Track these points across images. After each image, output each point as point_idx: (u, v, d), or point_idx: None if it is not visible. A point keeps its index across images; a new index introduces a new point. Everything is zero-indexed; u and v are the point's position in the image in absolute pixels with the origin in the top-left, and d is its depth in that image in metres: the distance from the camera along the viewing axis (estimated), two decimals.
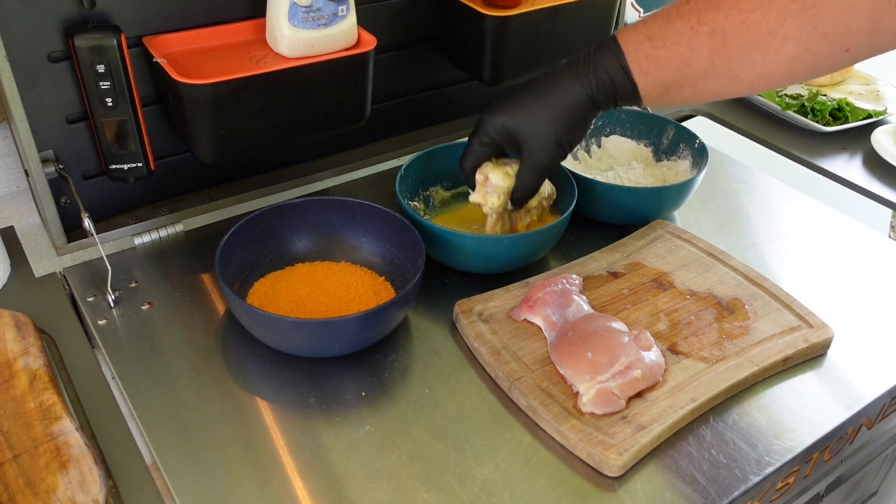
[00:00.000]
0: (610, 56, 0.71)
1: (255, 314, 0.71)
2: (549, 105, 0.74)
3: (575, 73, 0.74)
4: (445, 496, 0.63)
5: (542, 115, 0.75)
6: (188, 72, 0.78)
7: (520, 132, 0.76)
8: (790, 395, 0.74)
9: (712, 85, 0.70)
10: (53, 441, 0.63)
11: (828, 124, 1.19)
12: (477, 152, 0.79)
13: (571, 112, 0.74)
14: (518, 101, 0.76)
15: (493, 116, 0.77)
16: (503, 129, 0.77)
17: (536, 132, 0.75)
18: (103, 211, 0.88)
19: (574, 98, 0.74)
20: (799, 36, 0.63)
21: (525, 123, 0.76)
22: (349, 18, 0.82)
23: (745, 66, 0.67)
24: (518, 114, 0.76)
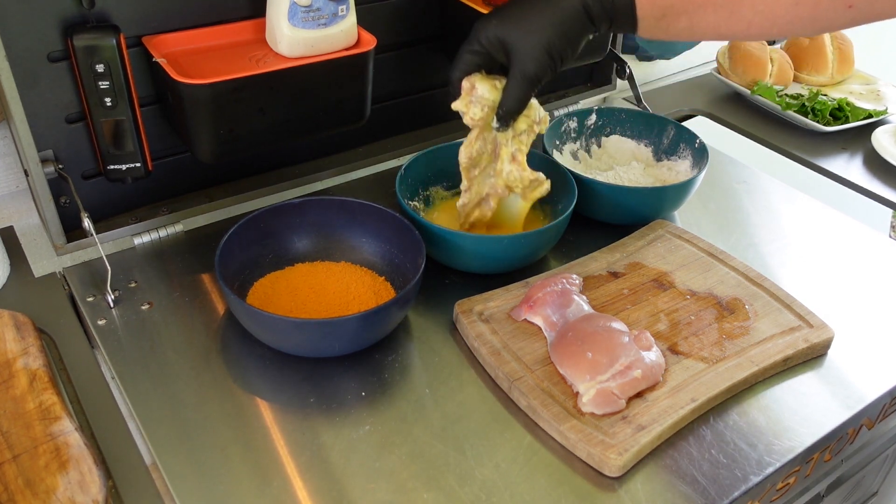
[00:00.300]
0: None
1: (255, 314, 0.71)
2: (542, 12, 0.72)
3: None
4: (445, 496, 0.63)
5: (533, 23, 0.72)
6: (188, 72, 0.78)
7: (510, 39, 0.73)
8: (790, 395, 0.73)
9: (711, 17, 0.67)
10: (53, 441, 0.63)
11: (828, 124, 1.19)
12: (467, 60, 0.76)
13: (564, 21, 0.71)
14: (512, 9, 0.73)
15: (485, 24, 0.74)
16: (494, 37, 0.74)
17: (527, 40, 0.72)
18: (103, 211, 0.88)
19: (570, 8, 0.71)
20: None
21: (516, 30, 0.73)
22: (349, 18, 0.82)
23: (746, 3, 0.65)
24: (510, 20, 0.73)
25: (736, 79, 1.31)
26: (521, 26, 0.72)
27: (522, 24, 0.72)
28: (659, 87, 1.39)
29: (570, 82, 1.21)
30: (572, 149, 1.04)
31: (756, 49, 1.30)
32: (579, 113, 1.03)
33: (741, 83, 1.30)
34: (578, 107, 1.20)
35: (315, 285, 0.81)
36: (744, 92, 1.29)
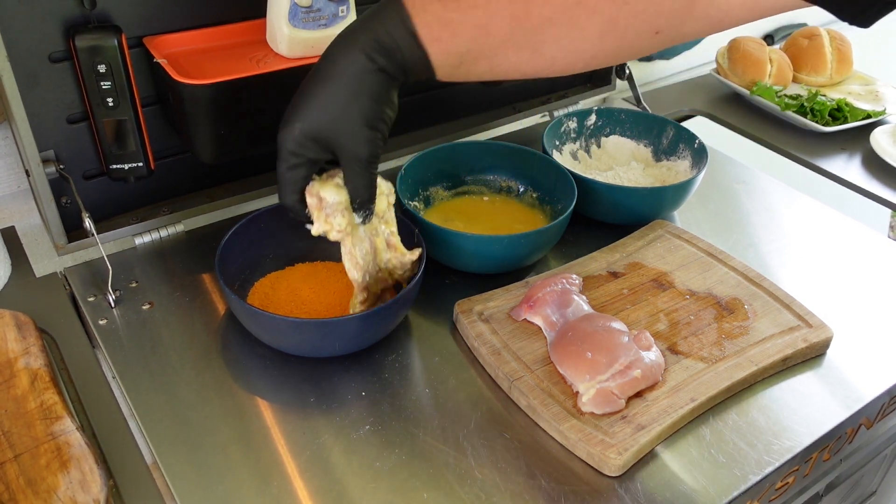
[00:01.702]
0: (394, 18, 0.61)
1: (255, 314, 0.71)
2: (340, 89, 0.62)
3: (354, 43, 0.62)
4: (445, 496, 0.63)
5: (336, 106, 0.63)
6: (189, 72, 0.79)
7: (323, 133, 0.64)
8: (789, 395, 0.74)
9: (512, 58, 0.62)
10: (54, 441, 0.64)
11: (827, 124, 1.19)
12: (290, 179, 0.67)
13: (367, 88, 0.63)
14: (306, 100, 0.64)
15: (288, 131, 0.64)
16: (305, 139, 0.64)
17: (340, 125, 0.63)
18: (104, 211, 0.88)
19: (362, 72, 0.62)
20: (608, 11, 0.57)
21: (324, 121, 0.63)
22: (349, 19, 0.82)
23: (549, 40, 0.60)
24: (310, 114, 0.63)
25: (735, 79, 1.31)
26: (325, 115, 0.63)
27: (326, 113, 0.63)
28: (658, 88, 1.39)
29: (569, 83, 1.21)
30: (572, 149, 1.04)
31: (755, 50, 1.30)
32: (579, 113, 1.04)
33: (740, 83, 1.30)
34: (578, 107, 1.20)
35: (315, 285, 0.81)
36: (743, 92, 1.29)
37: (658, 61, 1.43)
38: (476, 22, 0.60)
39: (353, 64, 0.62)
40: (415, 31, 0.61)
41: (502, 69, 0.63)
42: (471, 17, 0.59)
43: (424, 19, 0.60)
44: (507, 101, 1.16)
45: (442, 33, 0.61)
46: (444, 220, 0.90)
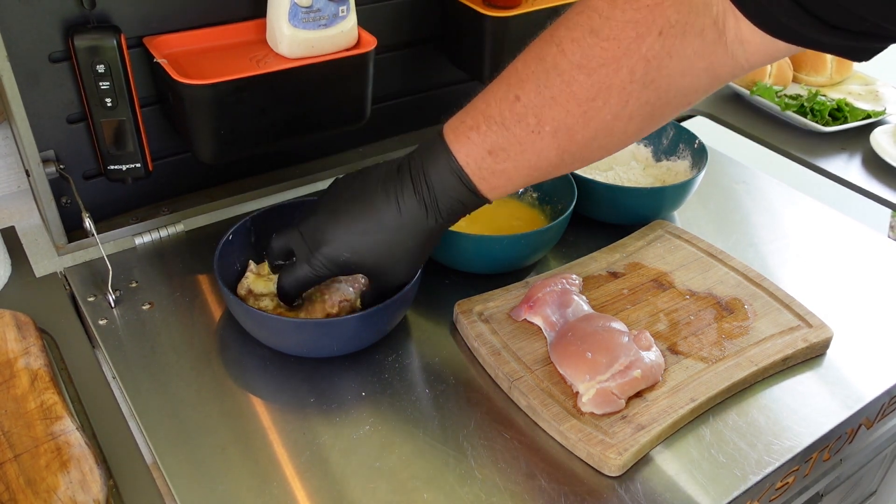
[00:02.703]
0: (453, 181, 0.64)
1: (253, 314, 0.71)
2: (403, 242, 0.67)
3: (420, 201, 0.65)
4: (445, 496, 0.63)
5: (396, 253, 0.67)
6: (189, 72, 0.79)
7: (368, 268, 0.68)
8: (789, 395, 0.74)
9: (561, 172, 0.65)
10: (54, 441, 0.64)
11: (827, 124, 1.19)
12: (309, 283, 0.70)
13: (426, 242, 0.68)
14: (364, 237, 0.66)
15: (334, 251, 0.67)
16: (346, 265, 0.68)
17: (392, 268, 0.68)
18: (104, 211, 0.88)
19: (428, 230, 0.66)
20: (644, 112, 0.59)
21: (376, 262, 0.67)
22: (349, 19, 0.82)
23: (594, 150, 0.63)
24: (367, 252, 0.67)
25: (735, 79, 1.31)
26: (381, 258, 0.67)
27: (383, 256, 0.67)
28: None
29: None
30: None
31: None
32: None
33: (740, 84, 1.30)
34: None
35: None
36: (743, 92, 1.29)
37: None
38: (528, 164, 0.62)
39: (422, 225, 0.66)
40: (475, 188, 0.64)
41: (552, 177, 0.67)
42: (522, 161, 0.62)
43: (480, 175, 0.63)
44: None
45: (497, 182, 0.64)
46: None
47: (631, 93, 0.57)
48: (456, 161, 0.63)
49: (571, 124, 0.59)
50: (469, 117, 0.63)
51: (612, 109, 0.58)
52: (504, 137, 0.61)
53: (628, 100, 0.58)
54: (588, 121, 0.59)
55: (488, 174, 0.63)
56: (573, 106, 0.58)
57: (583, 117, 0.59)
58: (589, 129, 0.60)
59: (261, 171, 0.98)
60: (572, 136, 0.60)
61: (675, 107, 0.61)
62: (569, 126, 0.59)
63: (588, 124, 0.59)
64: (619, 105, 0.58)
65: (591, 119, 0.59)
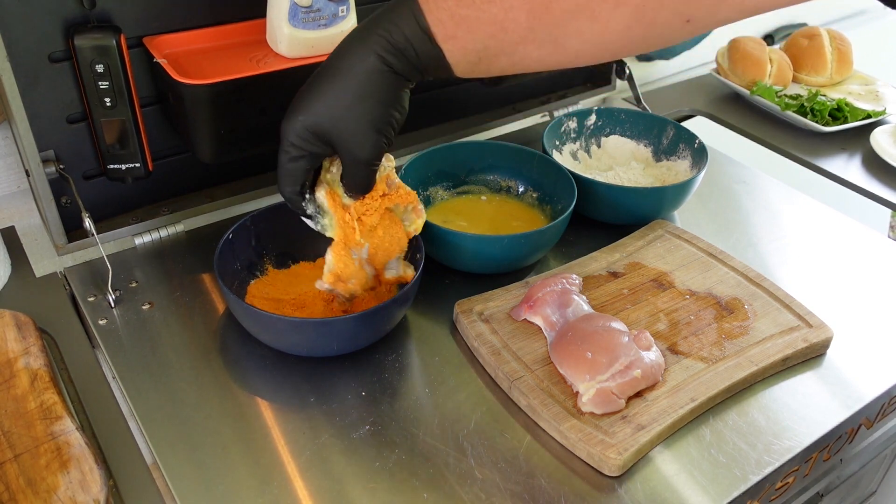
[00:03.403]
0: (406, 15, 0.59)
1: (253, 313, 0.71)
2: (348, 88, 0.61)
3: (365, 42, 0.61)
4: (445, 496, 0.63)
5: (344, 103, 0.62)
6: (188, 72, 0.79)
7: (326, 129, 0.63)
8: (789, 395, 0.74)
9: (533, 53, 0.59)
10: (54, 441, 0.64)
11: (827, 124, 1.19)
12: (291, 170, 0.66)
13: (376, 89, 0.61)
14: (313, 94, 0.63)
15: (291, 123, 0.64)
16: (308, 133, 0.64)
17: (346, 125, 0.63)
18: (104, 211, 0.88)
19: (372, 72, 0.61)
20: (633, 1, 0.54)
21: (329, 119, 0.63)
22: (349, 19, 0.82)
23: (571, 34, 0.57)
24: (315, 109, 0.63)
25: (735, 79, 1.31)
26: (332, 111, 0.62)
27: (333, 109, 0.62)
28: (658, 88, 1.39)
29: (569, 82, 1.21)
30: (572, 149, 1.04)
31: (755, 50, 1.30)
32: (579, 113, 1.04)
33: (740, 83, 1.30)
34: (578, 107, 1.20)
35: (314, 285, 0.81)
36: (743, 92, 1.29)
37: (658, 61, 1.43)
38: (492, 18, 0.58)
39: (363, 63, 0.61)
40: (428, 28, 0.59)
41: (524, 64, 0.61)
42: (486, 13, 0.57)
43: (438, 17, 0.59)
44: (507, 101, 1.16)
45: (457, 30, 0.59)
46: (445, 220, 0.90)
47: None
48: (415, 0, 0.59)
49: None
50: None
51: None
52: None
53: None
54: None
55: (447, 17, 0.58)
56: None
57: None
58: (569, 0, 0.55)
59: (261, 171, 0.98)
60: (548, 2, 0.56)
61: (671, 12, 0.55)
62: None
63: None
64: None
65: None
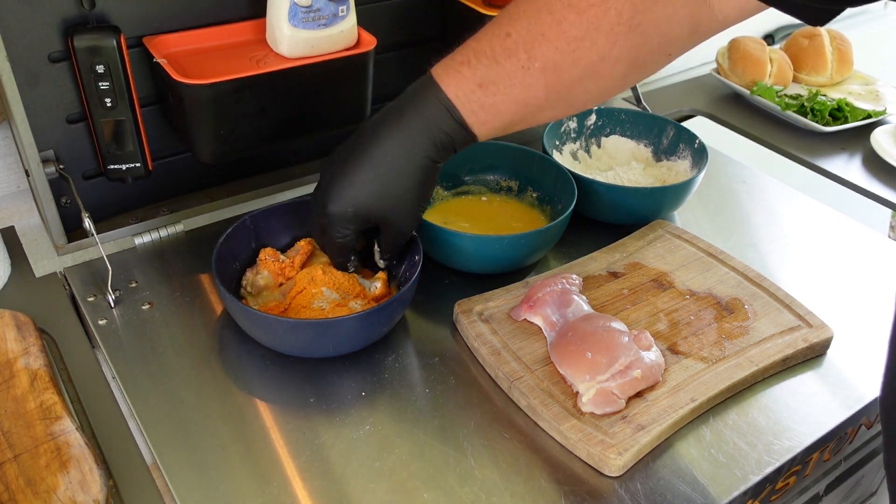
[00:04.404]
0: (442, 113, 0.66)
1: (251, 314, 0.71)
2: (398, 181, 0.68)
3: (409, 139, 0.67)
4: (445, 496, 0.63)
5: (394, 193, 0.69)
6: (188, 72, 0.79)
7: (375, 215, 0.70)
8: (790, 395, 0.74)
9: (548, 115, 0.68)
10: (54, 441, 0.64)
11: (827, 124, 1.19)
12: (343, 245, 0.73)
13: (421, 180, 0.69)
14: (359, 185, 0.68)
15: (339, 209, 0.69)
16: (356, 218, 0.70)
17: (394, 211, 0.70)
18: (104, 211, 0.88)
19: (420, 166, 0.68)
20: (629, 56, 0.62)
21: (379, 206, 0.69)
22: (349, 19, 0.82)
23: (580, 93, 0.65)
24: (366, 200, 0.69)
25: (735, 79, 1.31)
26: (382, 200, 0.69)
27: (383, 198, 0.69)
28: (658, 88, 1.39)
29: None
30: (572, 149, 1.04)
31: (755, 50, 1.30)
32: (579, 113, 1.04)
33: (740, 83, 1.30)
34: None
35: None
36: (743, 92, 1.29)
37: None
38: (516, 99, 0.65)
39: (414, 161, 0.68)
40: (464, 121, 0.66)
41: (538, 122, 0.69)
42: (511, 96, 0.64)
43: (470, 108, 0.65)
44: None
45: (487, 116, 0.66)
46: (445, 220, 0.90)
47: (618, 34, 0.61)
48: (445, 95, 0.65)
49: (560, 61, 0.62)
50: (459, 55, 0.65)
51: (599, 50, 0.61)
52: (494, 71, 0.63)
53: (616, 41, 0.61)
54: (576, 59, 0.62)
55: (478, 107, 0.65)
56: (562, 44, 0.61)
57: (571, 55, 0.62)
58: (577, 67, 0.63)
59: (260, 171, 0.98)
60: (560, 73, 0.63)
61: (657, 55, 0.64)
62: (557, 63, 0.62)
63: (576, 63, 0.62)
64: (606, 46, 0.61)
65: (580, 58, 0.62)
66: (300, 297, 0.77)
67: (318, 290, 0.77)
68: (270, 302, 0.78)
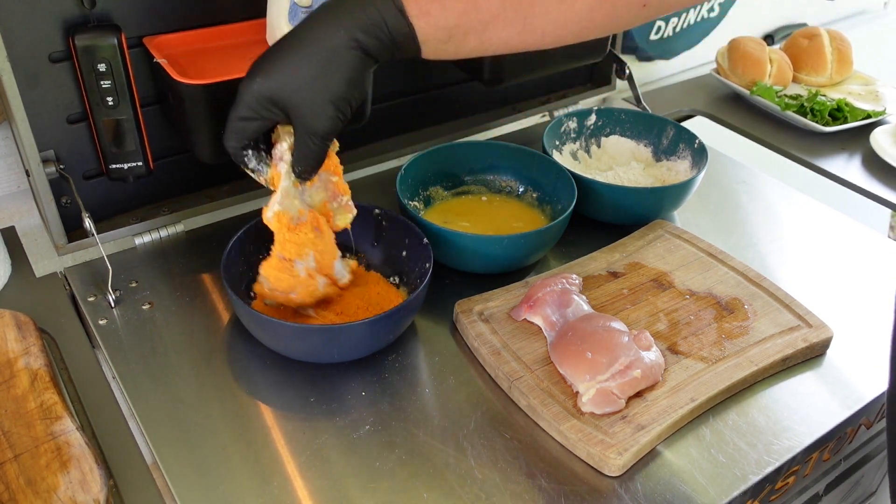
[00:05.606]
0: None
1: (261, 320, 0.70)
2: (311, 60, 0.61)
3: (337, 16, 0.60)
4: (445, 496, 0.63)
5: (306, 74, 0.61)
6: (189, 72, 0.79)
7: (283, 96, 0.62)
8: (789, 395, 0.74)
9: (502, 33, 0.61)
10: (54, 440, 0.64)
11: (827, 124, 1.19)
12: (240, 128, 0.65)
13: (341, 65, 0.61)
14: (276, 61, 0.62)
15: (250, 84, 0.63)
16: (264, 98, 0.63)
17: (304, 95, 0.62)
18: (104, 211, 0.88)
19: (339, 47, 0.60)
20: None
21: (288, 87, 0.62)
22: None
23: (539, 14, 0.59)
24: (277, 76, 0.62)
25: (735, 79, 1.31)
26: (292, 80, 0.62)
27: (294, 79, 0.62)
28: (658, 88, 1.39)
29: (569, 82, 1.21)
30: (572, 149, 1.04)
31: (755, 50, 1.30)
32: (579, 113, 1.04)
33: (740, 84, 1.30)
34: (578, 107, 1.20)
35: None
36: (743, 92, 1.29)
37: (658, 61, 1.43)
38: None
39: (332, 37, 0.61)
40: (402, 5, 0.59)
41: (491, 44, 0.62)
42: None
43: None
44: (507, 101, 1.16)
45: (430, 7, 0.59)
46: (444, 220, 0.90)
47: None
48: None
49: None
50: None
51: None
52: None
53: None
54: None
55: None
56: None
57: None
58: None
59: None
60: None
61: None
62: None
63: None
64: None
65: None
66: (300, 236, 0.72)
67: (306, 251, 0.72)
68: None
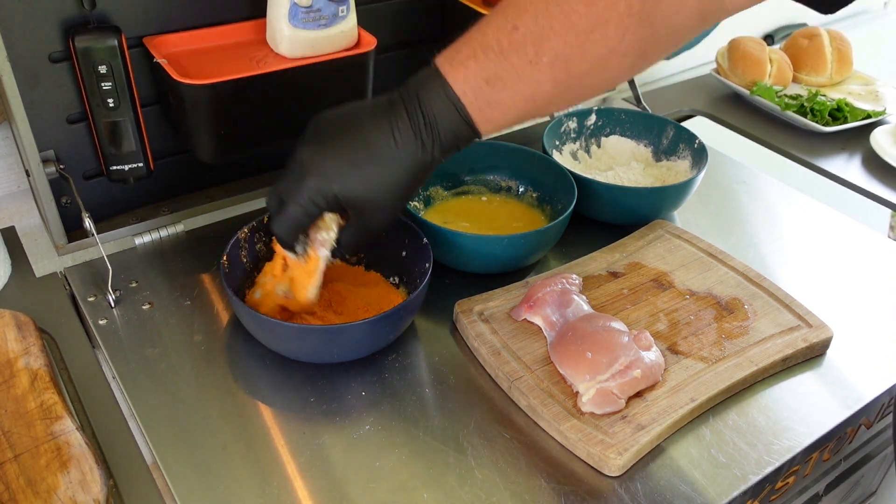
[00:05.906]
0: (448, 109, 0.62)
1: (257, 318, 0.70)
2: (391, 172, 0.64)
3: (416, 133, 0.63)
4: (445, 496, 0.63)
5: (383, 184, 0.64)
6: (189, 72, 0.79)
7: (353, 200, 0.65)
8: (789, 395, 0.74)
9: (553, 108, 0.66)
10: (54, 440, 0.64)
11: (827, 124, 1.19)
12: (297, 220, 0.67)
13: (416, 178, 0.65)
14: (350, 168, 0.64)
15: (320, 183, 0.64)
16: (334, 198, 0.65)
17: (375, 200, 0.65)
18: (104, 211, 0.88)
19: (419, 162, 0.64)
20: (637, 48, 0.61)
21: (362, 193, 0.64)
22: (349, 19, 0.82)
23: (587, 87, 0.63)
24: (354, 184, 0.64)
25: (735, 79, 1.31)
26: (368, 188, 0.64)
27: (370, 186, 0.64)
28: (658, 88, 1.39)
29: None
30: (572, 149, 1.04)
31: (755, 50, 1.30)
32: (579, 113, 1.04)
33: (740, 83, 1.30)
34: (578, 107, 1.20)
35: None
36: (743, 92, 1.29)
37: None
38: (523, 95, 0.62)
39: (413, 156, 0.64)
40: (471, 120, 0.62)
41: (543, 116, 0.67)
42: (518, 92, 0.61)
43: (477, 106, 0.62)
44: None
45: (493, 114, 0.63)
46: (445, 220, 0.90)
47: (628, 27, 0.59)
48: (452, 91, 0.62)
49: (569, 55, 0.60)
50: (465, 47, 0.62)
51: (608, 43, 0.59)
52: (501, 66, 0.60)
53: (625, 34, 0.59)
54: (585, 53, 0.60)
55: (485, 104, 0.62)
56: (571, 37, 0.59)
57: (580, 49, 0.59)
58: (585, 61, 0.60)
59: (260, 171, 0.98)
60: (569, 67, 0.61)
61: (664, 45, 0.62)
62: (566, 57, 0.60)
63: (585, 56, 0.60)
64: (615, 39, 0.59)
65: (588, 51, 0.60)
66: None
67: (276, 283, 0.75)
68: None
